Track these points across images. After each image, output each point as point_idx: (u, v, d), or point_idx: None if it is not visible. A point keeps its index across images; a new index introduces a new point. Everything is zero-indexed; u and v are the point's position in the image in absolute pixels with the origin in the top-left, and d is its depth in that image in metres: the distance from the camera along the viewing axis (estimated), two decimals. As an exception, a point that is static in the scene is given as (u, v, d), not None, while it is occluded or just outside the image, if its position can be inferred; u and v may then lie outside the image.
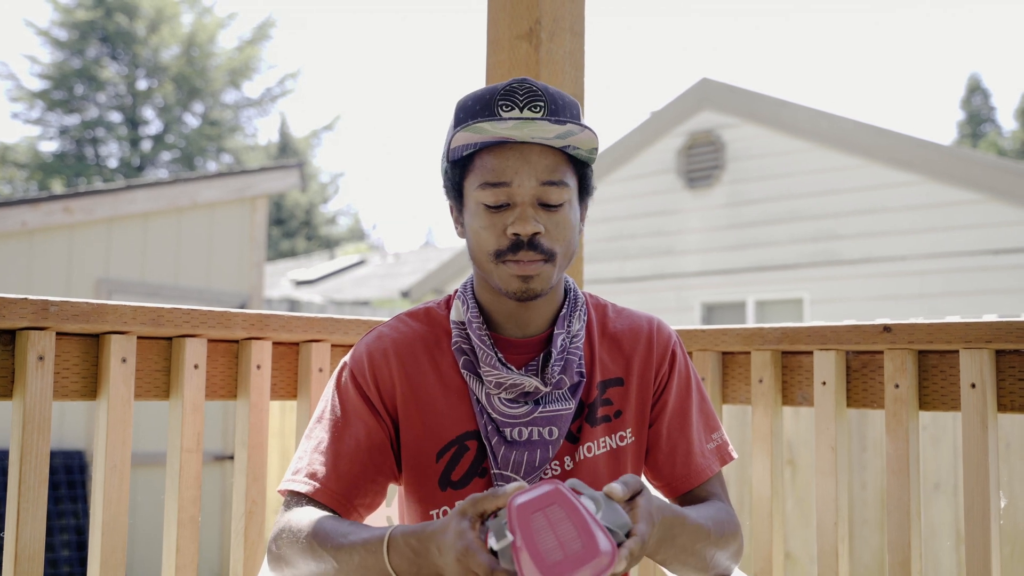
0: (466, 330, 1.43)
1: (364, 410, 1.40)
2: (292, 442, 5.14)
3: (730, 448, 1.54)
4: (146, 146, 23.17)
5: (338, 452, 1.38)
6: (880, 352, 1.74)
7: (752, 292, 8.79)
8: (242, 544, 1.74)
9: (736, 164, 9.00)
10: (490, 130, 1.30)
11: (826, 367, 1.77)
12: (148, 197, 6.96)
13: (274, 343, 1.81)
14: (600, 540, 1.01)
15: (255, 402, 1.76)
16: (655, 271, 9.36)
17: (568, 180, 1.35)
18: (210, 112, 24.02)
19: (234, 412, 3.49)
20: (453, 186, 1.41)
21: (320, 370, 1.84)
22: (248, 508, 1.74)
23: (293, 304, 11.67)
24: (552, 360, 1.40)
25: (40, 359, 1.49)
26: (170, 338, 1.69)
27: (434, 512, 1.40)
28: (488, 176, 1.33)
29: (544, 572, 1.00)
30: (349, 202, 42.11)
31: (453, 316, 1.45)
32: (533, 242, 1.33)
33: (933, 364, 1.69)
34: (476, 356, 1.40)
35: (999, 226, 7.66)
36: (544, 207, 1.34)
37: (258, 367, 1.76)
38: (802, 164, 8.64)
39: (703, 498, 1.47)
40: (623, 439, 1.45)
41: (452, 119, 1.39)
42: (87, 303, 1.53)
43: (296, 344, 1.86)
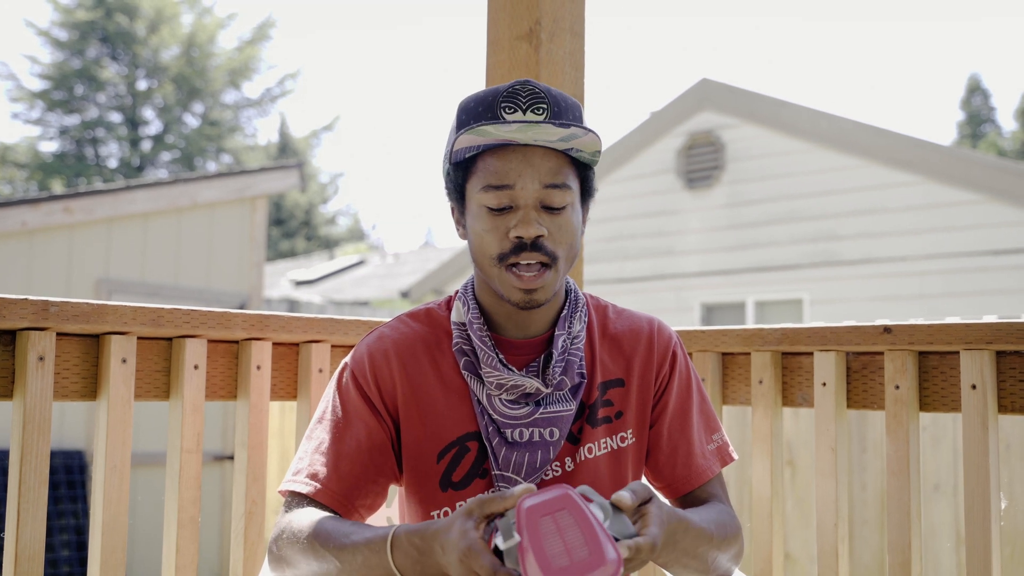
0: (467, 331, 1.43)
1: (365, 411, 1.40)
2: (292, 443, 5.13)
3: (730, 449, 1.54)
4: (146, 146, 23.18)
5: (339, 453, 1.38)
6: (880, 353, 1.74)
7: (752, 293, 8.79)
8: (242, 544, 1.74)
9: (736, 164, 9.00)
10: (493, 133, 1.30)
11: (826, 368, 1.77)
12: (148, 197, 6.96)
13: (274, 344, 1.81)
14: (607, 549, 1.01)
15: (255, 402, 1.76)
16: (655, 271, 9.36)
17: (571, 183, 1.35)
18: (210, 112, 24.03)
19: (234, 412, 3.49)
20: (455, 188, 1.41)
21: (320, 371, 1.84)
22: (248, 508, 1.74)
23: (293, 304, 11.66)
24: (553, 361, 1.39)
25: (40, 359, 1.49)
26: (170, 338, 1.69)
27: (435, 513, 1.40)
28: (491, 179, 1.33)
29: None
30: (349, 202, 42.17)
31: (454, 317, 1.45)
32: (536, 244, 1.33)
33: (933, 365, 1.69)
34: (477, 357, 1.40)
35: (999, 227, 7.67)
36: (547, 210, 1.34)
37: (258, 368, 1.76)
38: (802, 164, 8.64)
39: (704, 499, 1.47)
40: (624, 440, 1.45)
41: (454, 121, 1.39)
42: (87, 303, 1.53)
43: (296, 345, 1.86)
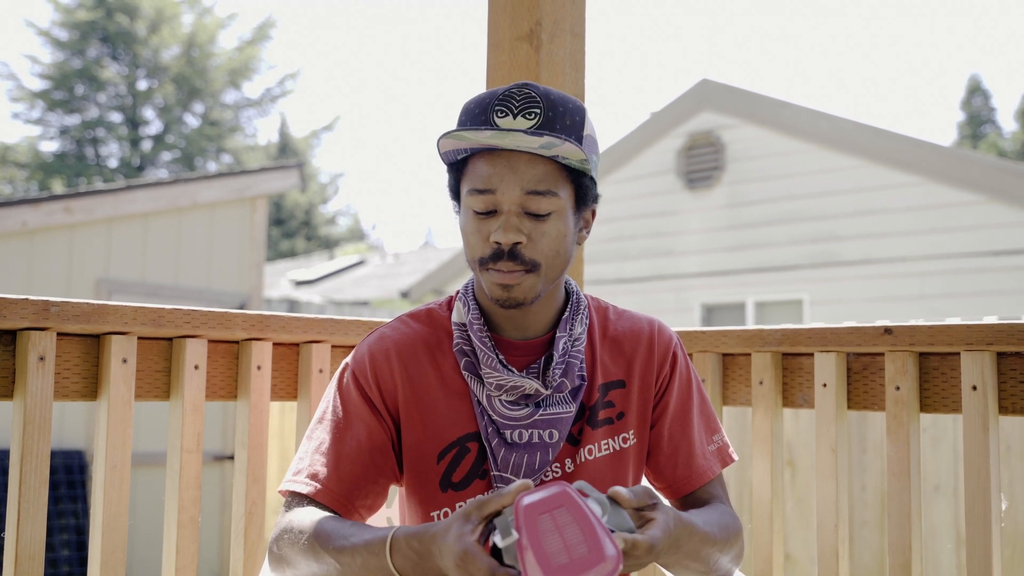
0: (467, 332, 1.43)
1: (366, 411, 1.40)
2: (292, 443, 5.13)
3: (730, 450, 1.54)
4: (146, 146, 23.18)
5: (339, 453, 1.38)
6: (881, 354, 1.74)
7: (752, 293, 8.79)
8: (242, 545, 1.74)
9: (736, 165, 9.00)
10: (471, 138, 1.31)
11: (827, 369, 1.77)
12: (148, 197, 6.96)
13: (274, 344, 1.81)
14: (606, 546, 1.01)
15: (255, 403, 1.76)
16: (655, 272, 9.36)
17: (559, 190, 1.33)
18: (210, 112, 24.03)
19: (234, 413, 3.49)
20: (452, 188, 1.42)
21: (320, 371, 1.84)
22: (248, 509, 1.74)
23: (293, 304, 11.66)
24: (553, 363, 1.39)
25: (41, 359, 1.49)
26: (170, 339, 1.69)
27: (435, 514, 1.40)
28: (476, 182, 1.34)
29: (548, 574, 1.00)
30: (349, 202, 42.18)
31: (454, 318, 1.45)
32: (513, 252, 1.32)
33: (934, 366, 1.69)
34: (477, 358, 1.40)
35: (999, 227, 7.66)
36: (530, 216, 1.33)
37: (258, 368, 1.76)
38: (802, 165, 8.64)
39: (704, 500, 1.47)
40: (625, 441, 1.45)
41: (456, 121, 1.40)
42: (88, 304, 1.53)
43: (296, 345, 1.86)
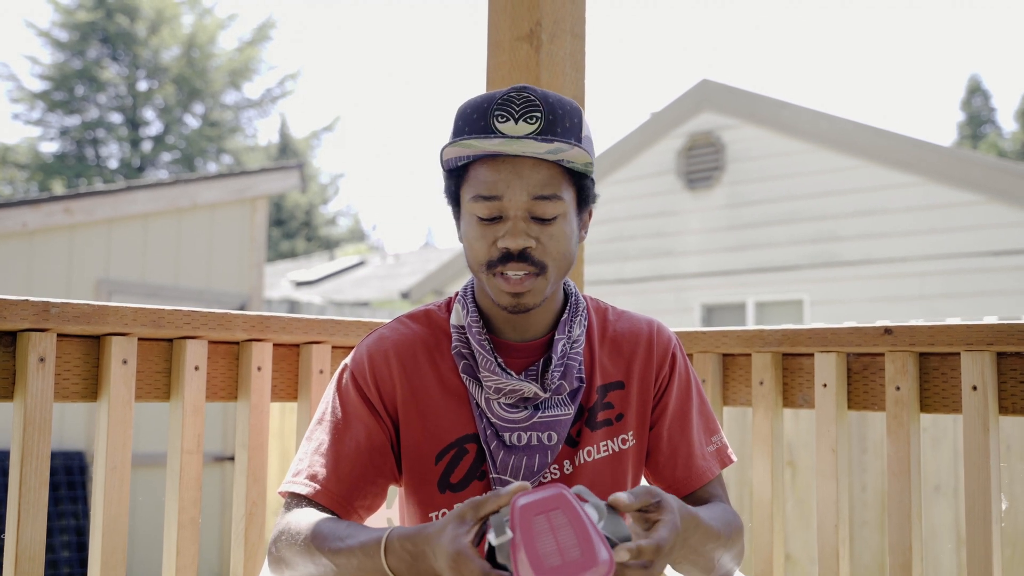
0: (466, 334, 1.42)
1: (365, 412, 1.40)
2: (292, 444, 5.13)
3: (729, 451, 1.54)
4: (146, 147, 23.17)
5: (339, 454, 1.38)
6: (881, 354, 1.74)
7: (752, 293, 8.79)
8: (242, 545, 1.74)
9: (736, 165, 9.00)
10: (478, 146, 1.30)
11: (827, 369, 1.77)
12: (148, 198, 6.96)
13: (274, 345, 1.81)
14: (599, 550, 1.01)
15: (255, 404, 1.76)
16: (655, 272, 9.36)
17: (563, 193, 1.34)
18: (210, 113, 24.03)
19: (234, 413, 3.48)
20: (451, 194, 1.41)
21: (320, 372, 1.84)
22: (248, 510, 1.74)
23: (293, 305, 11.66)
24: (552, 366, 1.39)
25: (41, 360, 1.49)
26: (171, 340, 1.69)
27: (433, 514, 1.40)
28: (481, 189, 1.33)
29: (539, 574, 1.00)
30: (349, 203, 41.96)
31: (453, 320, 1.45)
32: (523, 255, 1.32)
33: (934, 366, 1.69)
34: (476, 361, 1.40)
35: (999, 227, 7.66)
36: (537, 220, 1.33)
37: (258, 369, 1.76)
38: (802, 165, 8.64)
39: (705, 500, 1.47)
40: (625, 442, 1.45)
41: (452, 126, 1.39)
42: (88, 305, 1.53)
43: (296, 346, 1.86)
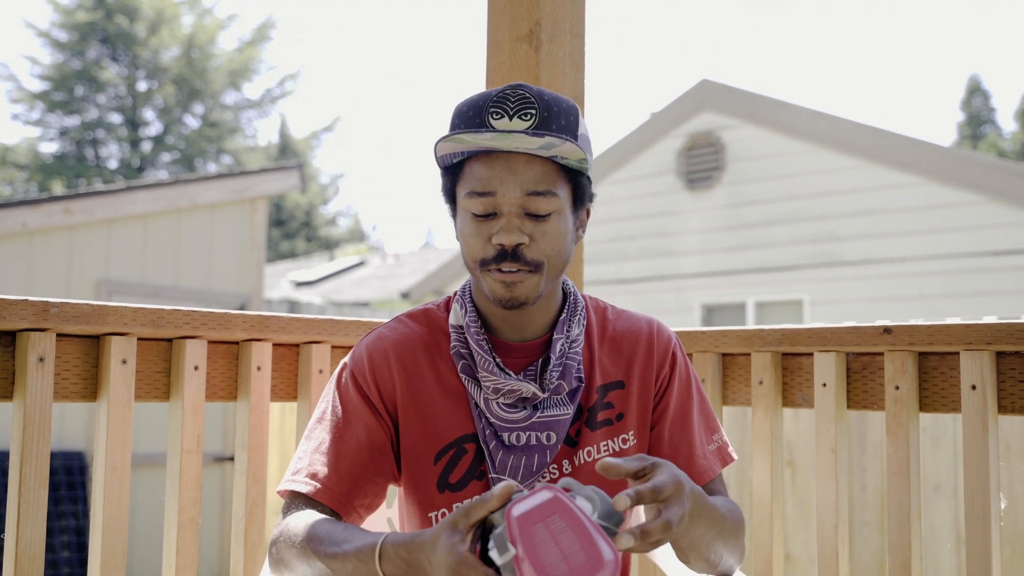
0: (464, 334, 1.42)
1: (364, 410, 1.40)
2: (292, 444, 5.13)
3: (730, 449, 1.54)
4: (146, 147, 23.17)
5: (339, 452, 1.38)
6: (880, 354, 1.74)
7: (752, 293, 8.79)
8: (242, 546, 1.74)
9: (736, 165, 9.00)
10: (470, 141, 1.30)
11: (826, 369, 1.77)
12: (148, 198, 6.96)
13: (274, 344, 1.81)
14: (603, 550, 1.00)
15: (255, 403, 1.76)
16: (655, 272, 9.36)
17: (557, 190, 1.34)
18: (210, 113, 24.03)
19: (234, 413, 3.48)
20: (447, 191, 1.42)
21: (320, 371, 1.84)
22: (248, 510, 1.74)
23: (293, 305, 11.67)
24: (551, 365, 1.39)
25: (40, 360, 1.49)
26: (170, 339, 1.69)
27: (432, 514, 1.40)
28: (475, 185, 1.33)
29: None
30: (349, 203, 41.99)
31: (452, 320, 1.45)
32: (516, 253, 1.32)
33: (933, 366, 1.69)
34: (474, 361, 1.40)
35: (999, 227, 7.66)
36: (531, 216, 1.33)
37: (258, 368, 1.76)
38: (802, 165, 8.65)
39: (707, 499, 1.47)
40: (625, 442, 1.45)
41: (448, 123, 1.39)
42: (87, 304, 1.53)
43: (296, 346, 1.86)
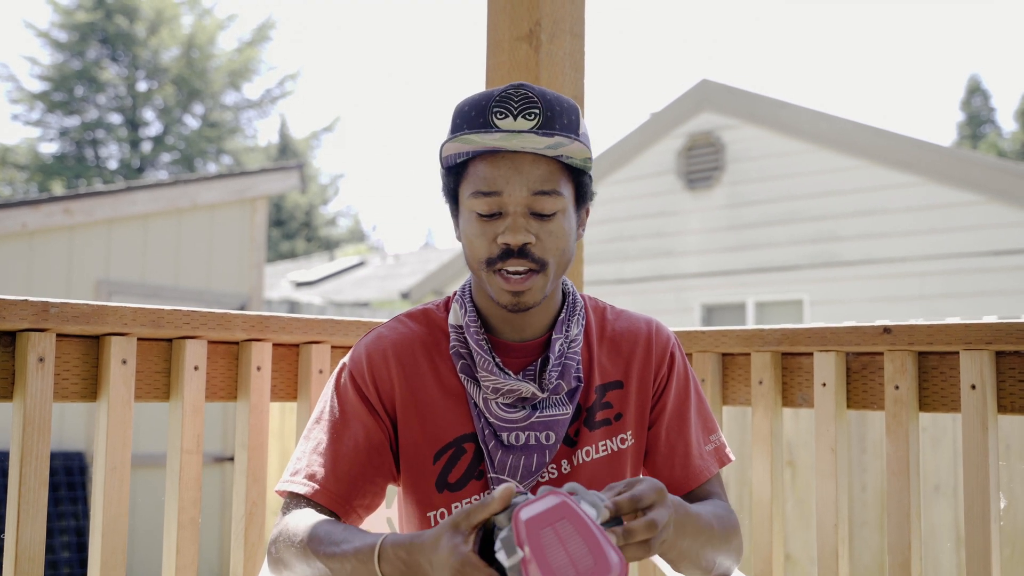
0: (464, 334, 1.42)
1: (363, 411, 1.40)
2: (292, 444, 5.12)
3: (727, 450, 1.54)
4: (146, 148, 23.18)
5: (337, 453, 1.38)
6: (880, 353, 1.74)
7: (752, 293, 8.79)
8: (242, 546, 1.74)
9: (736, 165, 9.00)
10: (478, 141, 1.30)
11: (826, 368, 1.77)
12: (148, 198, 6.96)
13: (274, 344, 1.81)
14: (611, 556, 1.01)
15: (255, 404, 1.76)
16: (655, 272, 9.36)
17: (562, 189, 1.34)
18: (210, 114, 24.03)
19: (234, 413, 3.49)
20: (449, 192, 1.41)
21: (320, 371, 1.84)
22: (248, 510, 1.74)
23: (293, 305, 11.67)
24: (550, 365, 1.39)
25: (40, 360, 1.49)
26: (170, 339, 1.69)
27: (431, 514, 1.40)
28: (480, 185, 1.33)
29: None
30: (349, 203, 41.90)
31: (451, 320, 1.45)
32: (523, 251, 1.33)
33: (933, 365, 1.69)
34: (474, 361, 1.40)
35: (999, 227, 7.66)
36: (536, 216, 1.33)
37: (258, 368, 1.76)
38: (802, 165, 8.64)
39: (702, 499, 1.47)
40: (623, 442, 1.45)
41: (450, 124, 1.39)
42: (87, 305, 1.53)
43: (296, 346, 1.86)
